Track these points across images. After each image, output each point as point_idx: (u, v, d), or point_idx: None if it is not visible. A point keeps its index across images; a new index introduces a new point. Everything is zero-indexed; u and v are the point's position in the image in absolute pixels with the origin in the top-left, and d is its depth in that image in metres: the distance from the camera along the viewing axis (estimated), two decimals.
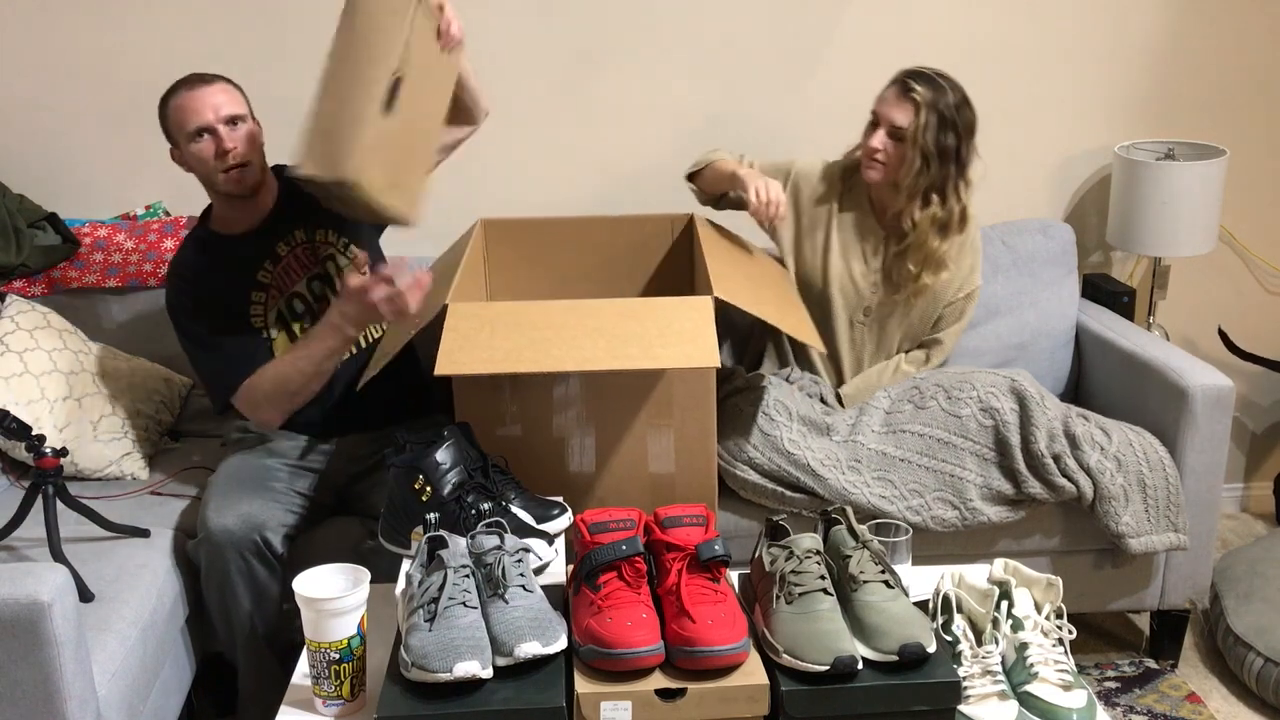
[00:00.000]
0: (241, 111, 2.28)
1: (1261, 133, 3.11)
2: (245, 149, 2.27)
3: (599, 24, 2.90)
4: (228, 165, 2.26)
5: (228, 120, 2.25)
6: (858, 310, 2.60)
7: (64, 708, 1.73)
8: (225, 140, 2.24)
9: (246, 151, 2.28)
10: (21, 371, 2.46)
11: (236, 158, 2.26)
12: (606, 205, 2.96)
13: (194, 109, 2.24)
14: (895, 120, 2.42)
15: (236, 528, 2.15)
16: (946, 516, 2.37)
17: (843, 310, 2.60)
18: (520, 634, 1.53)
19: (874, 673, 1.54)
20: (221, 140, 2.24)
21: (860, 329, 2.61)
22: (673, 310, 2.09)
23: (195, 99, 2.25)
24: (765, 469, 2.37)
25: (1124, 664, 2.66)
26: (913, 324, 2.62)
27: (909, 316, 2.61)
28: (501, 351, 1.99)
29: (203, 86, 2.26)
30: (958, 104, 2.43)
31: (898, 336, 2.64)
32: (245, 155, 2.27)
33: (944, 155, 2.43)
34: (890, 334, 2.63)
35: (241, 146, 2.26)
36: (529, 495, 1.94)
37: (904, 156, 2.44)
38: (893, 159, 2.46)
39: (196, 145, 2.26)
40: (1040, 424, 2.37)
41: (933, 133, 2.40)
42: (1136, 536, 2.41)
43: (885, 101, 2.46)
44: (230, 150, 2.24)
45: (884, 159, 2.46)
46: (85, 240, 2.78)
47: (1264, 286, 3.24)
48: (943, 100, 2.41)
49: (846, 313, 2.60)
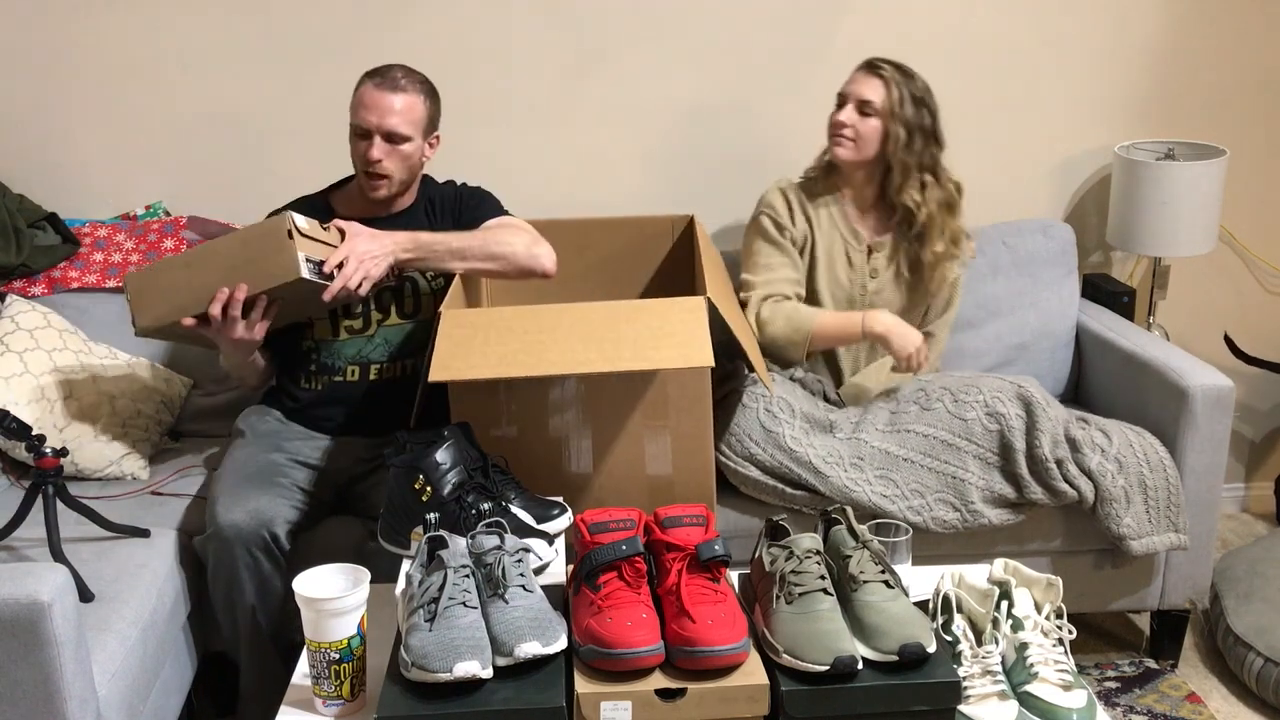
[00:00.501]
0: (408, 132, 2.32)
1: (1261, 133, 3.11)
2: (391, 165, 2.33)
3: (600, 25, 2.90)
4: (368, 171, 2.33)
5: (388, 135, 2.30)
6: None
7: (64, 708, 1.73)
8: (374, 151, 2.31)
9: (392, 168, 2.34)
10: (21, 371, 2.46)
11: (378, 170, 2.33)
12: (607, 206, 2.96)
13: (364, 108, 2.31)
14: (864, 94, 2.47)
15: (245, 523, 2.15)
16: (947, 518, 2.37)
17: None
18: (520, 634, 1.53)
19: (874, 673, 1.54)
20: (371, 149, 2.30)
21: None
22: (666, 311, 2.09)
23: (374, 100, 2.31)
24: (767, 465, 2.37)
25: (1124, 664, 2.66)
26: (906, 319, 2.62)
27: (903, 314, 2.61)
28: (495, 356, 2.00)
29: (388, 92, 2.31)
30: (924, 89, 2.51)
31: None
32: (388, 170, 2.34)
33: (924, 132, 2.49)
34: None
35: (388, 162, 2.33)
36: (529, 495, 1.94)
37: (885, 132, 2.47)
38: (863, 134, 2.48)
39: (354, 139, 2.34)
40: (1045, 430, 2.37)
41: (910, 107, 2.46)
42: (1138, 538, 2.41)
43: (852, 81, 2.52)
44: (375, 162, 2.31)
45: (852, 134, 2.49)
46: (85, 240, 2.79)
47: (1264, 286, 3.24)
48: (911, 82, 2.49)
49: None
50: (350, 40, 2.82)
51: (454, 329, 2.06)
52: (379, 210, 2.42)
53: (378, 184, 2.35)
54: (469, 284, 2.49)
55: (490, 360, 1.99)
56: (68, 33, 2.80)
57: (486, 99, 2.91)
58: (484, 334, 2.05)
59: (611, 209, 2.93)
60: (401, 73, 2.33)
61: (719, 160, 2.99)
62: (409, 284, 2.43)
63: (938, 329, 2.65)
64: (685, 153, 2.99)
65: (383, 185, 2.35)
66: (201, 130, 2.88)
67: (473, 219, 2.43)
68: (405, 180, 2.38)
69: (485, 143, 2.93)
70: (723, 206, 2.94)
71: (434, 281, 2.45)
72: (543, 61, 2.91)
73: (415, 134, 2.33)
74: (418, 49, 2.83)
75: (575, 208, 2.94)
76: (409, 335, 2.43)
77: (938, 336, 2.66)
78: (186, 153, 2.89)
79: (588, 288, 2.65)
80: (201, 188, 2.91)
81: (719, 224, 2.98)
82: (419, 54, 2.80)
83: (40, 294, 2.72)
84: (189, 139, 2.88)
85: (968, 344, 2.88)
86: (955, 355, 2.87)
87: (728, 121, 2.98)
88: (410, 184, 2.42)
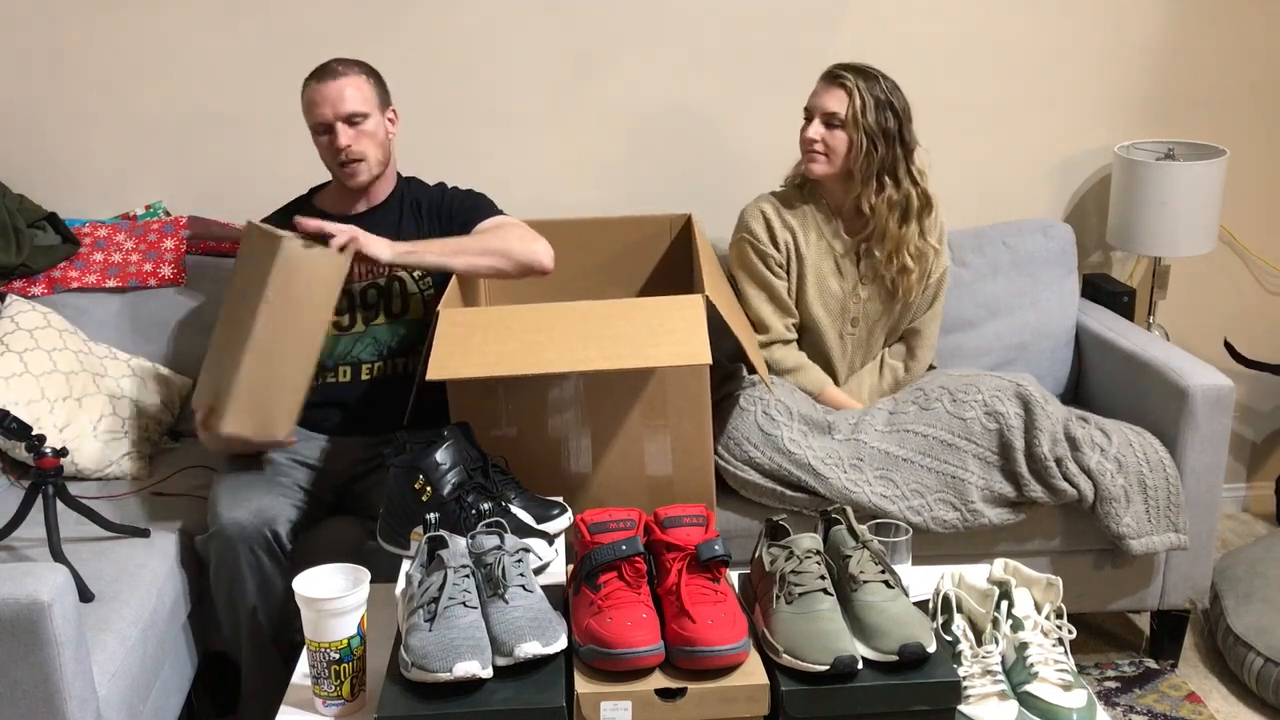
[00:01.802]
0: (363, 109, 2.35)
1: (1261, 133, 3.11)
2: (361, 146, 2.35)
3: (598, 25, 2.90)
4: (341, 160, 2.35)
5: (347, 118, 2.33)
6: (845, 323, 2.60)
7: (64, 708, 1.73)
8: (340, 138, 2.33)
9: (362, 148, 2.35)
10: (21, 371, 2.46)
11: (350, 154, 2.34)
12: (604, 206, 2.96)
13: (318, 102, 2.34)
14: (828, 107, 2.45)
15: (248, 522, 2.15)
16: (947, 517, 2.37)
17: (830, 326, 2.60)
18: (520, 634, 1.53)
19: (874, 673, 1.54)
20: (336, 138, 2.33)
21: (850, 339, 2.62)
22: (664, 310, 2.09)
23: (321, 93, 2.33)
24: (766, 468, 2.37)
25: (1124, 664, 2.66)
26: (894, 318, 2.63)
27: (893, 314, 2.61)
28: (494, 355, 1.99)
29: (330, 80, 2.34)
30: (889, 88, 2.46)
31: (883, 335, 2.65)
32: (360, 151, 2.36)
33: (887, 136, 2.45)
34: (876, 336, 2.64)
35: (357, 145, 2.35)
36: (529, 495, 1.94)
37: (850, 142, 2.45)
38: (834, 147, 2.47)
39: (318, 139, 2.37)
40: (1044, 428, 2.37)
41: (872, 113, 2.43)
42: (1137, 537, 2.41)
43: (816, 94, 2.49)
44: (344, 148, 2.33)
45: (823, 149, 2.47)
46: (85, 240, 2.79)
47: (1264, 286, 3.24)
48: (875, 85, 2.44)
49: (835, 328, 2.60)
50: (350, 40, 2.81)
51: (451, 328, 2.06)
52: (359, 204, 2.44)
53: (356, 169, 2.37)
54: (466, 284, 2.49)
55: (488, 359, 1.99)
56: (68, 33, 2.80)
57: (486, 99, 2.91)
58: (482, 333, 2.04)
59: (609, 209, 2.93)
60: (337, 62, 2.37)
61: (717, 160, 2.99)
62: (396, 284, 2.43)
63: (923, 325, 2.65)
64: (683, 152, 2.99)
65: (361, 169, 2.38)
66: (201, 130, 2.88)
67: (466, 221, 2.43)
68: (381, 159, 2.41)
69: (484, 143, 2.93)
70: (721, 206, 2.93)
71: (422, 281, 2.45)
72: (541, 62, 2.91)
73: (371, 109, 2.36)
74: (417, 49, 2.84)
75: (573, 207, 2.93)
76: (399, 335, 2.43)
77: (926, 333, 2.65)
78: (186, 153, 2.89)
79: (585, 287, 2.65)
80: (201, 188, 2.91)
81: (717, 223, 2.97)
82: (418, 54, 2.81)
83: (40, 294, 2.72)
84: (189, 139, 2.88)
85: (968, 344, 2.88)
86: (955, 355, 2.87)
87: (726, 121, 2.98)
88: (386, 164, 2.44)
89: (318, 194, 2.51)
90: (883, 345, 2.67)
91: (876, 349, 2.66)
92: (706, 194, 2.95)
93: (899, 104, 2.46)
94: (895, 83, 2.48)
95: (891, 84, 2.47)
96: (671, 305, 2.10)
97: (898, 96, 2.47)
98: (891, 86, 2.47)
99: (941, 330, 2.84)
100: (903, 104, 2.48)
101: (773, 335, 2.56)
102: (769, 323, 2.56)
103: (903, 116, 2.47)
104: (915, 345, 2.65)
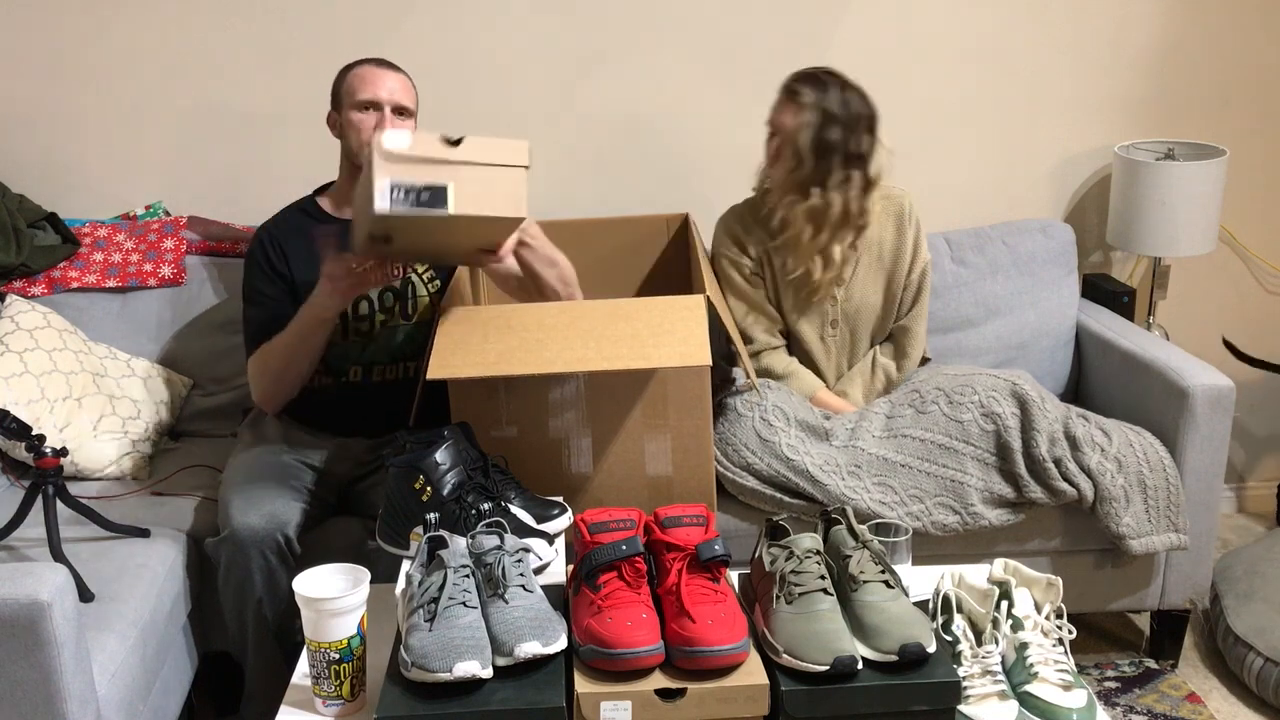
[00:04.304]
0: (411, 107, 2.37)
1: (1261, 133, 3.11)
2: None
3: (598, 25, 2.90)
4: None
5: (397, 108, 2.34)
6: (824, 326, 2.60)
7: (64, 708, 1.73)
8: (386, 122, 2.33)
9: None
10: (21, 371, 2.46)
11: None
12: (602, 206, 2.96)
13: (373, 82, 2.34)
14: (783, 124, 2.44)
15: (261, 526, 2.13)
16: (947, 521, 2.37)
17: (811, 330, 2.60)
18: (520, 634, 1.53)
19: (874, 673, 1.54)
20: (383, 121, 2.32)
21: (831, 340, 2.62)
22: (664, 310, 2.09)
23: (378, 75, 2.34)
24: (764, 475, 2.36)
25: (1124, 664, 2.66)
26: (878, 317, 2.62)
27: (875, 313, 2.61)
28: (494, 354, 1.99)
29: (389, 71, 2.36)
30: (842, 100, 2.40)
31: (868, 335, 2.64)
32: None
33: (822, 151, 2.40)
34: (861, 337, 2.64)
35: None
36: (529, 495, 1.94)
37: (779, 154, 2.45)
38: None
39: (359, 115, 2.34)
40: (1041, 428, 2.36)
41: (810, 131, 2.39)
42: (1137, 537, 2.41)
43: (774, 109, 2.48)
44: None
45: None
46: (85, 240, 2.79)
47: (1264, 286, 3.24)
48: (827, 98, 2.40)
49: (816, 331, 2.60)
50: (350, 40, 2.82)
51: (452, 326, 2.06)
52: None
53: None
54: (467, 283, 2.50)
55: (489, 358, 1.99)
56: (68, 33, 2.80)
57: (485, 99, 2.91)
58: (482, 331, 2.04)
59: (607, 209, 2.93)
60: (384, 59, 2.38)
61: (715, 160, 2.99)
62: (410, 287, 2.43)
63: (911, 323, 2.64)
64: (681, 152, 2.99)
65: None
66: (201, 130, 2.88)
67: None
68: None
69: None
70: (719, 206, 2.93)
71: (431, 284, 2.45)
72: (540, 62, 2.91)
73: (414, 113, 2.39)
74: (417, 49, 2.84)
75: (570, 207, 2.94)
76: (409, 337, 2.43)
77: (914, 330, 2.65)
78: (186, 153, 2.89)
79: (584, 287, 2.65)
80: (201, 188, 2.91)
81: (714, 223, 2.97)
82: (418, 54, 2.81)
83: (40, 294, 2.72)
84: (189, 139, 2.88)
85: (967, 343, 2.88)
86: (956, 355, 2.87)
87: (724, 121, 2.98)
88: None
89: (322, 195, 2.50)
90: (869, 346, 2.66)
91: (863, 349, 2.65)
92: (704, 194, 2.95)
93: (852, 112, 2.40)
94: (857, 88, 2.43)
95: (845, 93, 2.41)
96: (672, 305, 2.10)
97: (852, 104, 2.40)
98: (844, 96, 2.40)
99: (942, 329, 2.85)
100: (856, 111, 2.41)
101: (759, 344, 2.57)
102: (751, 332, 2.57)
103: (853, 126, 2.41)
104: (905, 343, 2.64)
